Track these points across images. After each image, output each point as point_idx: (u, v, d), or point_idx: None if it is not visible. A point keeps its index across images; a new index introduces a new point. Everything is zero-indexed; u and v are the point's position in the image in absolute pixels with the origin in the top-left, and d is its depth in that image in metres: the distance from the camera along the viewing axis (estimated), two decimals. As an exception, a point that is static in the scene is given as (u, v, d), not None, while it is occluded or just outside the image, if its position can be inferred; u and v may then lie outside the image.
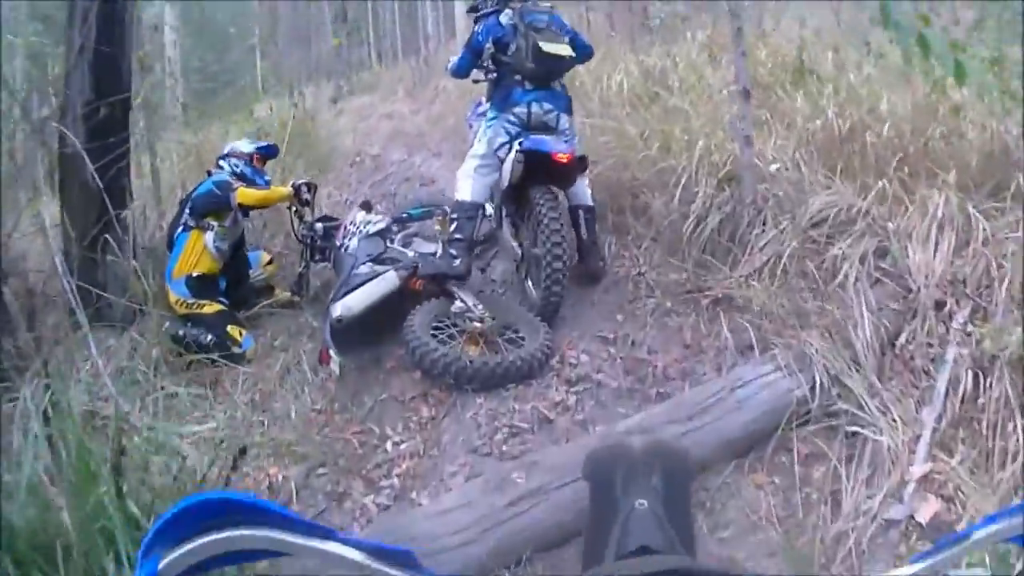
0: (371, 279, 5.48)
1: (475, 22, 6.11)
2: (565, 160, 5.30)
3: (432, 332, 5.08)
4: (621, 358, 4.89)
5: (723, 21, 8.11)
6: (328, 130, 12.69)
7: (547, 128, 5.62)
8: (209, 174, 6.48)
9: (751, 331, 4.53)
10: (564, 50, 5.65)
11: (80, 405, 3.58)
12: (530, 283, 5.65)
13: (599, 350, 5.03)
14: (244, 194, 6.22)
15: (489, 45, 5.77)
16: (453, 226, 5.69)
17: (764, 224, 5.18)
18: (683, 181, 5.55)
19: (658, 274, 5.54)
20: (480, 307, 5.29)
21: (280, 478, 4.44)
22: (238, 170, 6.48)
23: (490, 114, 5.86)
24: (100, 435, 3.49)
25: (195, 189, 6.33)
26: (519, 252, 5.80)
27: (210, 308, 6.01)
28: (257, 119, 11.16)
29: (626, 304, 5.45)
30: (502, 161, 5.61)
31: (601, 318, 5.40)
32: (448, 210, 6.02)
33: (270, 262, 6.93)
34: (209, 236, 6.10)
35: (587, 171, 5.75)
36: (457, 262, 5.59)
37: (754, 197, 5.24)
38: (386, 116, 14.20)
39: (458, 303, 5.36)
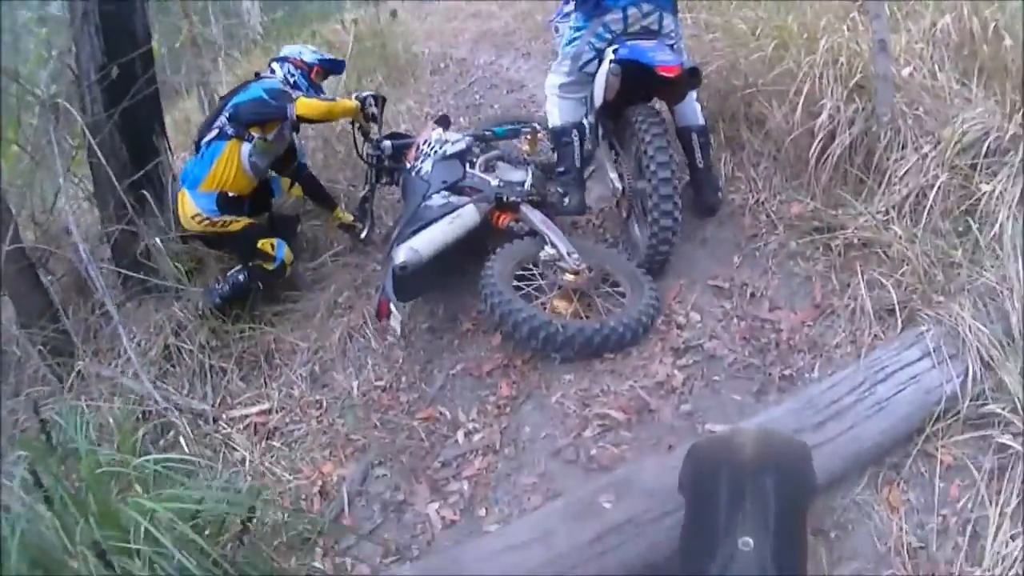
0: (445, 215, 4.90)
1: None
2: (673, 74, 4.42)
3: (515, 284, 4.55)
4: (738, 317, 4.33)
5: None
6: (412, 35, 12.26)
7: (648, 33, 4.82)
8: (257, 77, 6.03)
9: (893, 291, 3.88)
10: None
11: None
12: (635, 224, 5.07)
13: (712, 305, 4.49)
14: (305, 105, 5.61)
15: None
16: (553, 156, 5.24)
17: (903, 148, 4.43)
18: (805, 89, 4.76)
19: (780, 203, 4.89)
20: (576, 255, 4.61)
21: (335, 478, 4.17)
22: (292, 79, 6.00)
23: (575, 21, 5.05)
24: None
25: (236, 91, 5.85)
26: (619, 185, 5.17)
27: (236, 224, 5.65)
28: (337, 29, 10.93)
29: (744, 242, 4.84)
30: (592, 76, 4.93)
31: (715, 260, 4.82)
32: (538, 127, 5.70)
33: (292, 186, 6.47)
34: (245, 148, 5.61)
35: (700, 84, 4.89)
36: (567, 199, 5.11)
37: (892, 114, 4.48)
38: (472, 15, 13.71)
39: (548, 248, 4.71)
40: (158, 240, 5.55)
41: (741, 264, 4.70)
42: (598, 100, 4.90)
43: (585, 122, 5.18)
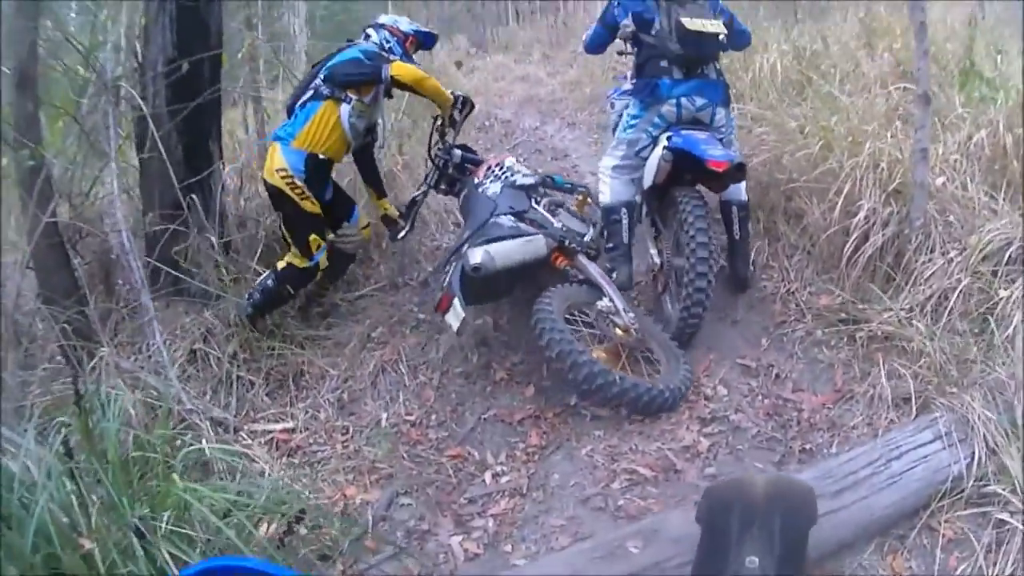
0: (517, 236, 5.11)
1: None
2: (721, 169, 4.90)
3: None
4: (763, 395, 4.69)
5: (878, 5, 7.83)
6: (459, 88, 12.59)
7: (700, 124, 5.35)
8: (349, 42, 6.06)
9: (910, 381, 4.24)
10: (713, 27, 5.27)
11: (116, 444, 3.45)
12: (668, 299, 5.43)
13: (739, 381, 4.84)
14: (401, 67, 5.63)
15: (628, 22, 5.43)
16: (603, 234, 5.59)
17: (931, 251, 4.87)
18: (845, 189, 5.22)
19: (810, 295, 5.30)
20: (631, 314, 4.91)
21: (358, 501, 4.31)
22: (388, 45, 6.00)
23: (633, 109, 5.57)
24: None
25: (332, 56, 5.88)
26: (657, 261, 5.60)
27: (311, 206, 5.62)
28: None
29: (773, 327, 5.25)
30: (645, 160, 5.42)
31: (744, 341, 5.22)
32: (589, 190, 6.05)
33: (367, 226, 6.38)
34: (345, 109, 5.64)
35: (745, 178, 5.33)
36: (616, 273, 5.45)
37: (924, 219, 4.93)
38: (520, 78, 14.13)
39: (606, 301, 4.98)
40: (212, 240, 5.65)
41: (769, 347, 5.07)
42: (647, 182, 5.37)
43: (635, 200, 5.60)
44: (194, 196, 5.70)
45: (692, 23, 5.19)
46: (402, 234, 6.17)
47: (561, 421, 4.75)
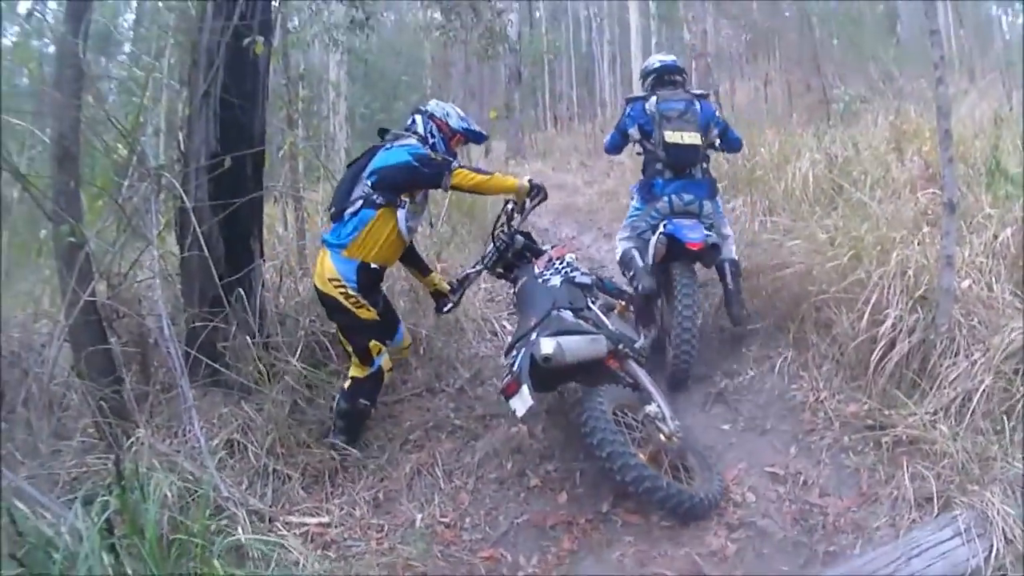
0: (583, 333, 5.30)
1: (627, 103, 7.22)
2: (697, 248, 6.26)
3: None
4: (790, 501, 4.87)
5: (908, 105, 8.11)
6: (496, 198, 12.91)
7: (690, 214, 6.57)
8: (383, 135, 6.03)
9: (932, 482, 4.47)
10: (688, 139, 6.65)
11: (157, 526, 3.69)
12: (666, 350, 6.33)
13: (767, 488, 5.03)
14: (462, 177, 5.68)
15: (634, 131, 6.91)
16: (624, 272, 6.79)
17: (956, 354, 5.12)
18: (873, 298, 5.52)
19: (838, 403, 5.51)
20: (677, 422, 5.13)
21: None
22: (431, 140, 5.95)
23: (636, 202, 7.17)
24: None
25: (372, 153, 5.83)
26: (658, 321, 6.50)
27: (367, 313, 5.66)
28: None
29: (802, 435, 5.44)
30: (647, 241, 6.49)
31: (773, 449, 5.41)
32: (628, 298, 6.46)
33: (407, 347, 6.43)
34: (401, 215, 5.67)
35: (720, 255, 6.54)
36: (637, 284, 6.49)
37: (949, 324, 5.18)
38: (558, 186, 14.46)
39: (654, 407, 5.16)
40: (252, 335, 5.80)
41: (797, 454, 5.27)
42: (650, 260, 6.36)
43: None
44: (234, 291, 5.91)
45: (671, 136, 6.64)
46: (448, 307, 6.39)
47: (593, 527, 4.91)
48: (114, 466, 3.89)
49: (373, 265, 5.67)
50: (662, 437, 5.01)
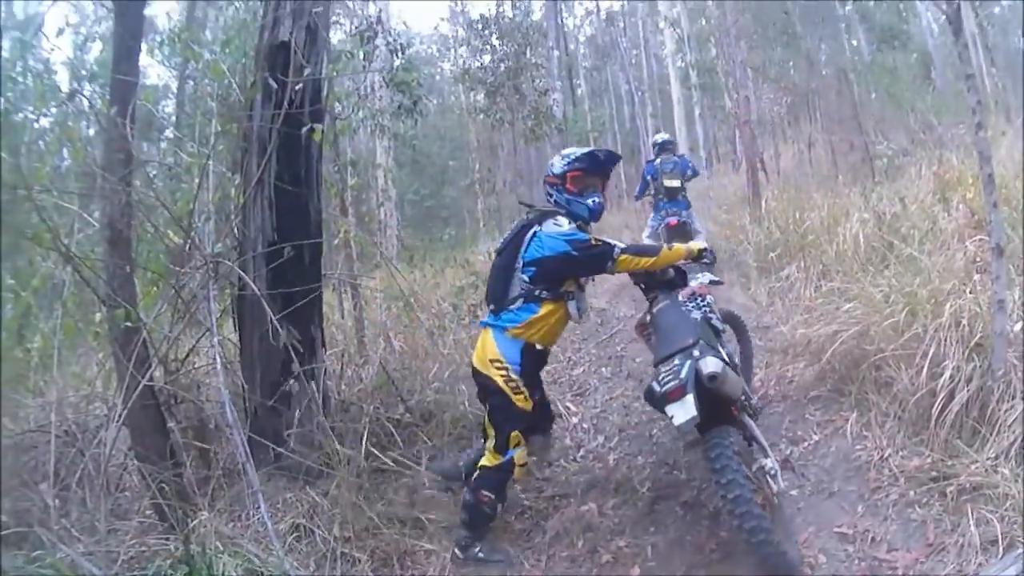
0: (731, 365, 5.33)
1: (646, 163, 13.82)
2: (674, 224, 12.21)
3: None
4: (859, 559, 5.00)
5: (949, 153, 8.33)
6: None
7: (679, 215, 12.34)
8: (532, 213, 5.89)
9: (997, 525, 4.63)
10: (675, 183, 12.66)
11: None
12: None
13: (837, 549, 5.15)
14: (629, 263, 5.57)
15: (649, 179, 12.99)
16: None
17: (1013, 397, 5.26)
18: (930, 352, 5.69)
19: (902, 458, 5.64)
20: (785, 483, 5.29)
21: None
22: (552, 200, 5.88)
23: (651, 218, 13.05)
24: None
25: (521, 234, 5.73)
26: None
27: (523, 402, 5.55)
28: (474, 268, 11.76)
29: (868, 494, 5.55)
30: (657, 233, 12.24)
31: (841, 510, 5.52)
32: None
33: (523, 464, 5.87)
34: (572, 306, 5.66)
35: (688, 228, 12.25)
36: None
37: (1005, 368, 5.33)
38: (610, 266, 14.61)
39: (770, 463, 5.32)
40: (316, 422, 5.96)
41: (864, 513, 5.39)
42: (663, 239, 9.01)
43: None
44: (297, 378, 6.02)
45: (667, 181, 12.70)
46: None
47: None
48: (183, 546, 4.14)
49: (539, 347, 5.64)
50: (771, 493, 5.20)
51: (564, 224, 5.59)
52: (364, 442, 6.35)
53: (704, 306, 5.88)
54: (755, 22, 20.55)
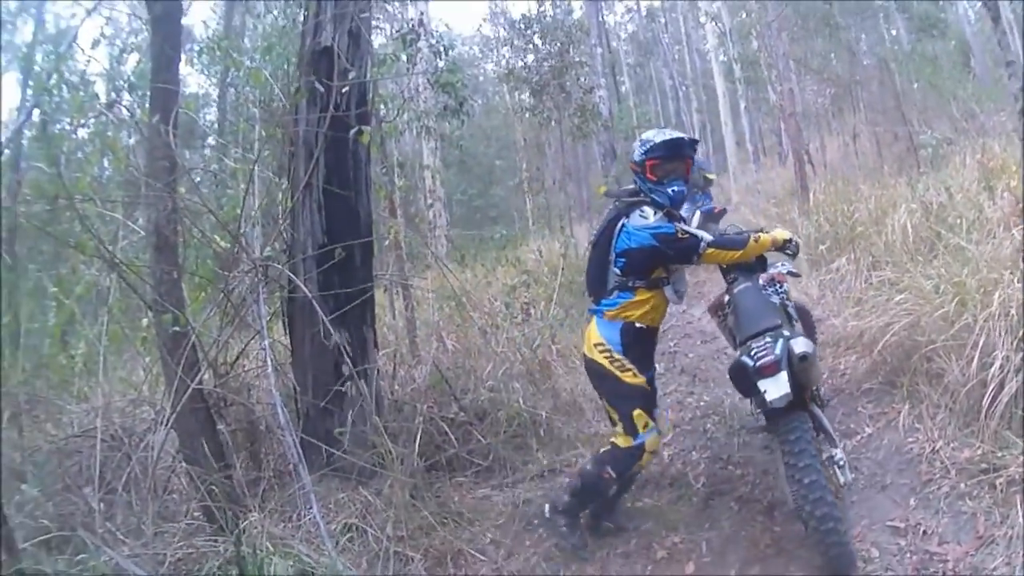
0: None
1: None
2: (719, 210, 8.57)
3: None
4: (911, 552, 5.05)
5: (992, 142, 8.30)
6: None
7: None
8: (623, 199, 5.86)
9: (1044, 515, 4.64)
10: (712, 176, 12.88)
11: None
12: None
13: (889, 542, 5.19)
14: (716, 255, 5.67)
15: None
16: None
17: (1060, 387, 5.24)
18: (981, 342, 5.70)
19: (953, 450, 5.66)
20: (852, 475, 5.39)
21: None
22: (642, 189, 5.80)
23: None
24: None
25: (613, 223, 5.72)
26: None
27: (633, 378, 5.53)
28: (525, 266, 11.84)
29: (920, 487, 5.60)
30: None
31: (893, 504, 5.57)
32: None
33: (653, 451, 5.76)
34: (668, 290, 5.69)
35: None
36: None
37: (1054, 357, 5.28)
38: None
39: (839, 453, 5.32)
40: (371, 423, 6.02)
41: (916, 506, 5.44)
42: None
43: None
44: (350, 379, 6.08)
45: (707, 174, 12.22)
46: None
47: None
48: (233, 547, 4.23)
49: (639, 324, 5.60)
50: (839, 485, 5.20)
51: (650, 216, 5.57)
52: (417, 441, 6.39)
53: (782, 292, 5.95)
54: (795, 14, 20.39)
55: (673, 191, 5.73)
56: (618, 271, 5.60)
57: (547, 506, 5.85)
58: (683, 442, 7.38)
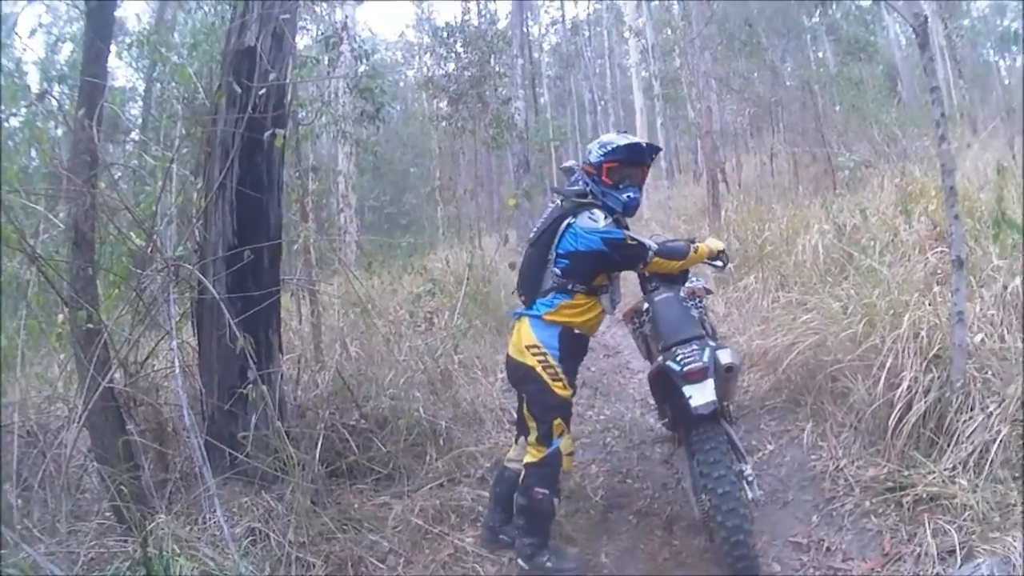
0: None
1: None
2: None
3: None
4: (814, 568, 5.03)
5: (912, 165, 8.40)
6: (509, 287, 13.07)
7: None
8: (563, 201, 5.71)
9: (955, 535, 4.62)
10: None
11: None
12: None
13: (791, 558, 5.19)
14: (660, 265, 5.56)
15: None
16: None
17: (971, 409, 5.28)
18: (888, 363, 5.71)
19: (858, 468, 5.68)
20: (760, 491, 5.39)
21: None
22: (588, 189, 5.66)
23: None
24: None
25: (555, 223, 5.57)
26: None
27: (562, 390, 5.39)
28: (432, 275, 11.59)
29: (823, 504, 5.61)
30: None
31: (795, 520, 5.59)
32: None
33: (570, 453, 5.64)
34: (605, 299, 5.60)
35: None
36: None
37: (964, 379, 5.35)
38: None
39: (748, 468, 5.26)
40: (273, 427, 5.78)
41: (819, 523, 5.45)
42: None
43: None
44: (253, 384, 5.79)
45: None
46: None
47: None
48: (140, 548, 4.09)
49: (577, 331, 5.52)
50: (747, 499, 5.08)
51: (600, 219, 5.44)
52: (319, 447, 6.29)
53: (700, 307, 5.92)
54: (720, 33, 20.62)
55: (628, 197, 5.63)
56: (558, 272, 5.46)
57: (519, 562, 5.54)
58: (582, 455, 7.29)
